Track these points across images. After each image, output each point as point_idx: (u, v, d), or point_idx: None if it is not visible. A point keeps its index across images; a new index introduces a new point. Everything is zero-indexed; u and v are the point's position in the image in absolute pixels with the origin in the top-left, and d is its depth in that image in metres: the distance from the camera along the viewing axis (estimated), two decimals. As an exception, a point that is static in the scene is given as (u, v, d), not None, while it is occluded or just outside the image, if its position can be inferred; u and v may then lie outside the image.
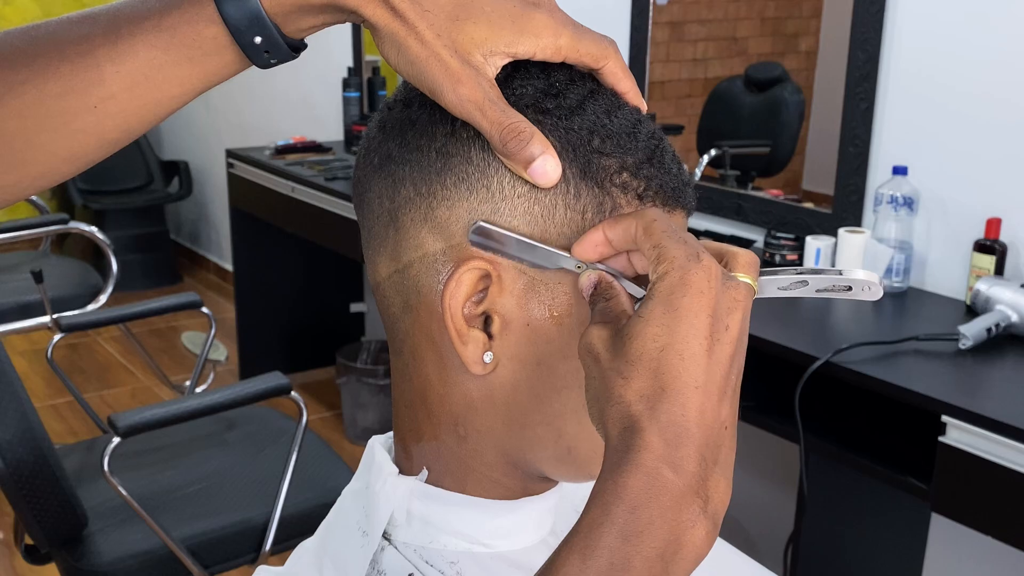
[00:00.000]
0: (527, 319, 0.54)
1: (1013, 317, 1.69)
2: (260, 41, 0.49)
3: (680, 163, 0.57)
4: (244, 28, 0.49)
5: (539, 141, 0.50)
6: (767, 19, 2.46)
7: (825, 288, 0.52)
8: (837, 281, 0.52)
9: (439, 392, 0.57)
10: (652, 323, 0.46)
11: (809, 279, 0.52)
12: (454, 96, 0.49)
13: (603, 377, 0.47)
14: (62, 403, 3.45)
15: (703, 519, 0.44)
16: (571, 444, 0.57)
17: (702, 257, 0.47)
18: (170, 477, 1.95)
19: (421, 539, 0.59)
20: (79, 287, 2.93)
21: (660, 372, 0.45)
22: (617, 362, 0.46)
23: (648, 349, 0.45)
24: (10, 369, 1.64)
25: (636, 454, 0.44)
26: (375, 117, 0.59)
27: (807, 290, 0.52)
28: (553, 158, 0.50)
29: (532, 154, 0.50)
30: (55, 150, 0.50)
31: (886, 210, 1.95)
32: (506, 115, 0.50)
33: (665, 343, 0.45)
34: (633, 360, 0.45)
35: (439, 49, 0.49)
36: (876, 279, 0.52)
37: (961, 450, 1.47)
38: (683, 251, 0.47)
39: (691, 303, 0.45)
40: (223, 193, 3.69)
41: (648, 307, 0.46)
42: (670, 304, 0.45)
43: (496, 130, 0.50)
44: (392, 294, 0.57)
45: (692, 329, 0.45)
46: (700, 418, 0.45)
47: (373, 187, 0.57)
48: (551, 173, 0.51)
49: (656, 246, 0.48)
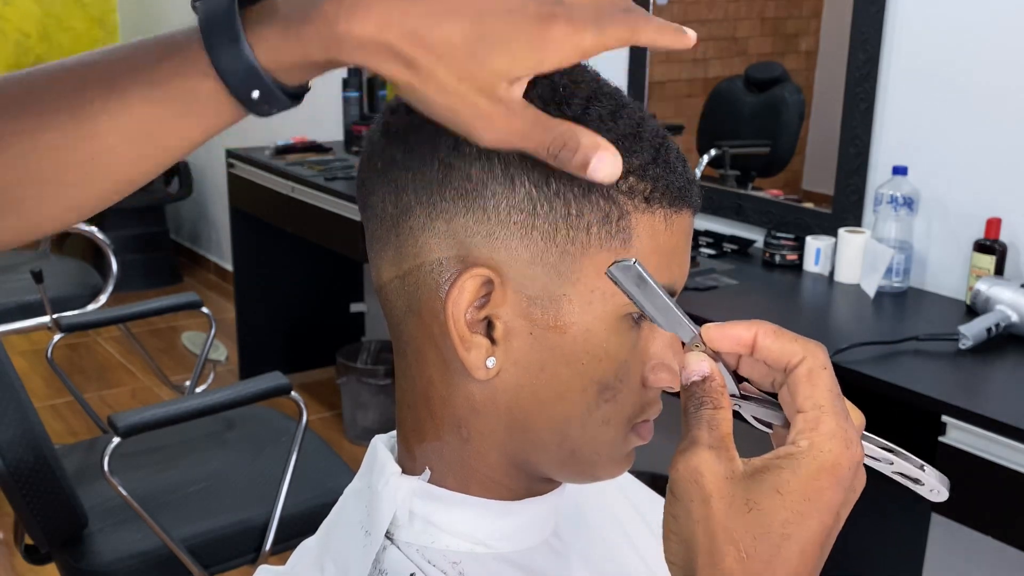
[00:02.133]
0: (530, 326, 0.54)
1: (1013, 317, 1.69)
2: (258, 96, 0.46)
3: (685, 161, 0.57)
4: (240, 83, 0.46)
5: (587, 142, 0.46)
6: (767, 19, 2.46)
7: (901, 473, 0.49)
8: (914, 473, 0.49)
9: (442, 394, 0.57)
10: (786, 505, 0.44)
11: (895, 460, 0.49)
12: (491, 135, 0.46)
13: (711, 533, 0.44)
14: (62, 403, 3.45)
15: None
16: (574, 447, 0.57)
17: (853, 443, 0.44)
18: (170, 477, 1.95)
19: (423, 539, 0.59)
20: (79, 287, 2.92)
21: (775, 562, 0.43)
22: (734, 524, 0.44)
23: (773, 532, 0.43)
24: (10, 369, 1.64)
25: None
26: (378, 120, 0.58)
27: (886, 468, 0.50)
28: (607, 151, 0.46)
29: (587, 157, 0.46)
30: (55, 201, 0.48)
31: (886, 210, 1.95)
32: (548, 132, 0.47)
33: (792, 532, 0.43)
34: (756, 536, 0.43)
35: (464, 92, 0.45)
36: (947, 486, 0.49)
37: (961, 450, 1.47)
38: (842, 431, 0.44)
39: (832, 498, 0.44)
40: (223, 193, 3.69)
41: (787, 481, 0.44)
42: (812, 490, 0.44)
43: (544, 150, 0.47)
44: (395, 297, 0.57)
45: (821, 527, 0.44)
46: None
47: (376, 191, 0.57)
48: (612, 167, 0.46)
49: (818, 407, 0.45)
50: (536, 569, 0.61)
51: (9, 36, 4.91)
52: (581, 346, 0.54)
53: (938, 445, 1.50)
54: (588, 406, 0.55)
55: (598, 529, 0.70)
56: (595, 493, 0.72)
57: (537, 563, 0.62)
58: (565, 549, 0.65)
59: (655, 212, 0.54)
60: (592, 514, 0.70)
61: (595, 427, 0.56)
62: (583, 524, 0.69)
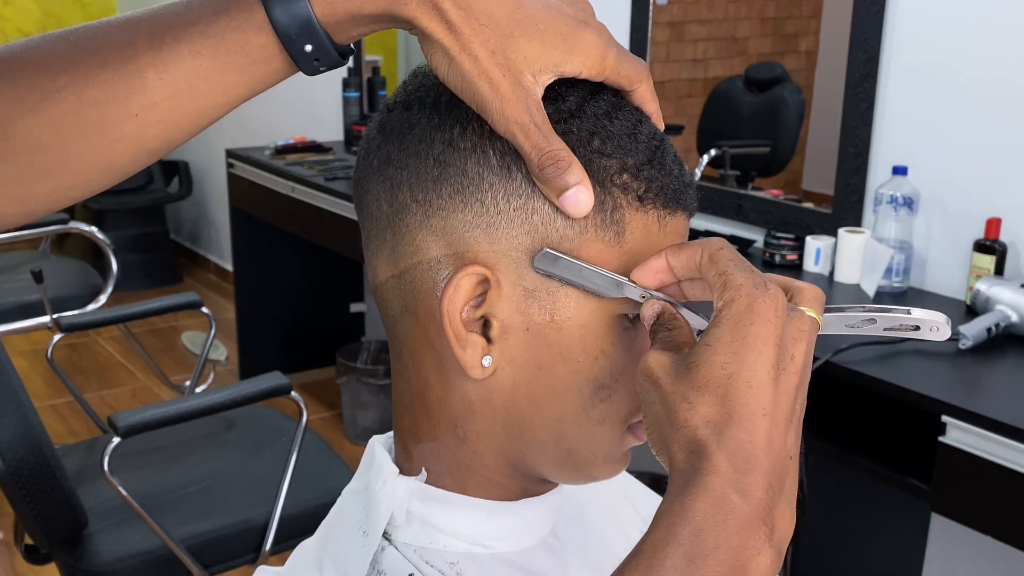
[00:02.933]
0: (527, 323, 0.53)
1: (1013, 317, 1.69)
2: (311, 49, 0.48)
3: (682, 164, 0.57)
4: (295, 36, 0.47)
5: (576, 171, 0.50)
6: (767, 19, 2.46)
7: (893, 327, 0.51)
8: (905, 320, 0.51)
9: (438, 394, 0.57)
10: (719, 350, 0.45)
11: (877, 317, 0.51)
12: (500, 116, 0.49)
13: (666, 402, 0.46)
14: (62, 403, 3.45)
15: (768, 547, 0.44)
16: (571, 447, 0.57)
17: (769, 286, 0.47)
18: (170, 477, 1.95)
19: (421, 539, 0.59)
20: (79, 287, 2.93)
21: (728, 398, 0.45)
22: (681, 388, 0.46)
23: (715, 376, 0.45)
24: (10, 369, 1.64)
25: (704, 477, 0.44)
26: (375, 118, 0.58)
27: (874, 328, 0.51)
28: (587, 190, 0.50)
29: (567, 183, 0.50)
30: (92, 159, 0.48)
31: (886, 210, 1.95)
32: (548, 142, 0.49)
33: (733, 370, 0.45)
34: (700, 386, 0.45)
35: (491, 67, 0.48)
36: (944, 319, 0.51)
37: (961, 450, 1.47)
38: (750, 280, 0.47)
39: (759, 331, 0.45)
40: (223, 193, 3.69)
41: (715, 334, 0.46)
42: (738, 332, 0.45)
43: (536, 155, 0.49)
44: (391, 297, 0.57)
45: (760, 357, 0.45)
46: (768, 445, 0.45)
47: (372, 190, 0.57)
48: (583, 204, 0.50)
49: (722, 274, 0.48)
50: (534, 569, 0.61)
51: (9, 36, 4.92)
52: (577, 343, 0.54)
53: (938, 445, 1.50)
54: (584, 405, 0.55)
55: (596, 529, 0.70)
56: (593, 493, 0.72)
57: (535, 563, 0.62)
58: (563, 549, 0.65)
59: (648, 212, 0.54)
60: (590, 514, 0.70)
61: (591, 427, 0.56)
62: (581, 524, 0.69)
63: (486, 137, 0.52)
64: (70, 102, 0.47)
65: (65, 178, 0.49)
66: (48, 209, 0.51)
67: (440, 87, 0.53)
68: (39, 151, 0.48)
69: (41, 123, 0.47)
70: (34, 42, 0.49)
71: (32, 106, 0.47)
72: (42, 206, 0.50)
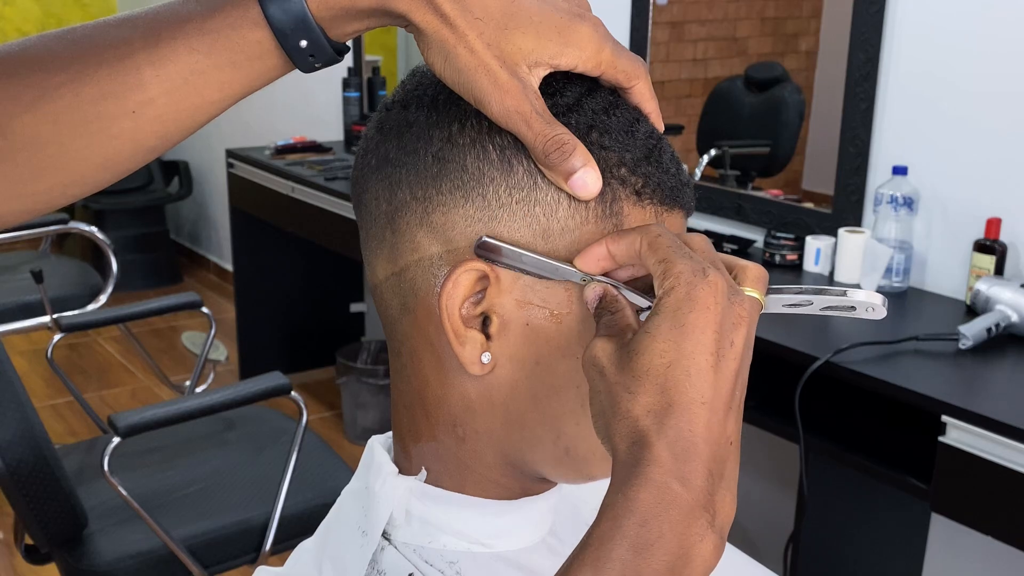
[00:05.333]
0: (526, 319, 0.53)
1: (1013, 317, 1.69)
2: (306, 45, 0.48)
3: (679, 163, 0.57)
4: (289, 32, 0.48)
5: (581, 154, 0.50)
6: (767, 19, 2.46)
7: (829, 307, 0.53)
8: (840, 302, 0.52)
9: (437, 393, 0.57)
10: (659, 338, 0.46)
11: (814, 299, 0.52)
12: (500, 108, 0.49)
13: (609, 391, 0.47)
14: (62, 403, 3.45)
15: (711, 533, 0.45)
16: (569, 445, 0.57)
17: (708, 272, 0.47)
18: (170, 477, 1.95)
19: (420, 539, 0.59)
20: (79, 287, 2.93)
21: (667, 387, 0.45)
22: (623, 376, 0.46)
23: (655, 364, 0.45)
24: (10, 369, 1.64)
25: (645, 468, 0.44)
26: (374, 117, 0.58)
27: (811, 308, 0.53)
28: (594, 171, 0.50)
29: (573, 166, 0.50)
30: (89, 156, 0.49)
31: (886, 210, 1.95)
32: (550, 127, 0.50)
33: (672, 359, 0.45)
34: (640, 375, 0.46)
35: (488, 59, 0.48)
36: (880, 300, 0.52)
37: (961, 450, 1.47)
38: (689, 266, 0.47)
39: (697, 319, 0.45)
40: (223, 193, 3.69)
41: (654, 322, 0.46)
42: (676, 320, 0.46)
43: (540, 142, 0.49)
44: (390, 296, 0.57)
45: (698, 345, 0.45)
46: (707, 434, 0.45)
47: (370, 188, 0.57)
48: (591, 186, 0.50)
49: (662, 261, 0.48)
50: (534, 568, 0.61)
51: (9, 36, 4.92)
52: (576, 338, 0.54)
53: (938, 445, 1.50)
54: (582, 402, 0.55)
55: (596, 528, 0.70)
56: (592, 492, 0.72)
57: (535, 562, 0.62)
58: (563, 548, 0.65)
59: (645, 208, 0.54)
60: (590, 513, 0.70)
61: (588, 424, 0.56)
62: (581, 523, 0.68)
63: (485, 132, 0.52)
64: (68, 99, 0.47)
65: (63, 175, 0.49)
66: (47, 207, 0.51)
67: (438, 85, 0.53)
68: (37, 148, 0.48)
69: (39, 120, 0.47)
70: (32, 41, 0.49)
71: (30, 103, 0.47)
72: (41, 204, 0.50)
